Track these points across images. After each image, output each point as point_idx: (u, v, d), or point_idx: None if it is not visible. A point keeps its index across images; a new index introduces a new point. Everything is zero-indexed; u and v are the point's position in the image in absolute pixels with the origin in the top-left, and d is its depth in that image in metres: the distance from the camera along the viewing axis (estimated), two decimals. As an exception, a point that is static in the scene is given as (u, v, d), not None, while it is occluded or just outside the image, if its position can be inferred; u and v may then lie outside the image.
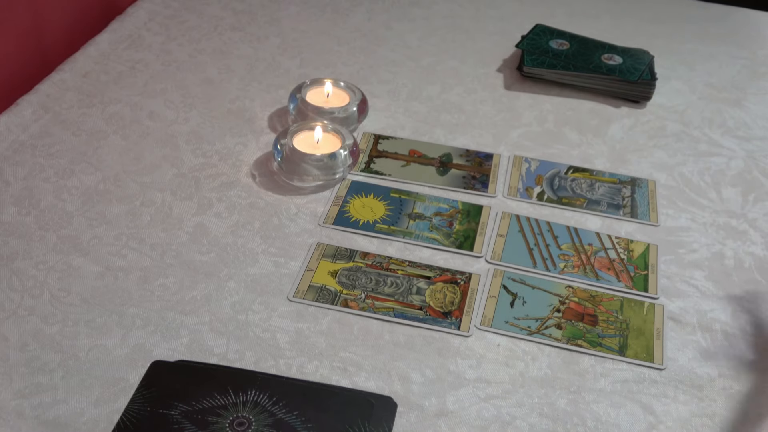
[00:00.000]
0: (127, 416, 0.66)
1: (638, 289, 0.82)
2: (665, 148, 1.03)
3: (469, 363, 0.74)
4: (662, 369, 0.75)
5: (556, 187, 0.95)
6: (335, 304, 0.78)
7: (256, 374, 0.70)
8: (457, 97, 1.10)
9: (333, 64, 1.14)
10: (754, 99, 1.14)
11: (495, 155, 0.99)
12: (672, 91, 1.14)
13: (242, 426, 0.65)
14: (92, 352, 0.72)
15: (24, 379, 0.69)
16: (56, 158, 0.92)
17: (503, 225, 0.89)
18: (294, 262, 0.82)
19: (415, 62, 1.16)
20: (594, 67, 1.11)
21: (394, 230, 0.87)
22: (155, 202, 0.88)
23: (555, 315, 0.79)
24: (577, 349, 0.76)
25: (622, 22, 1.30)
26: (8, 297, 0.76)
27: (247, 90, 1.07)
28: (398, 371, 0.72)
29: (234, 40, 1.17)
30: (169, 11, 1.22)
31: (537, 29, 1.19)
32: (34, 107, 0.99)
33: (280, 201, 0.90)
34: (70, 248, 0.81)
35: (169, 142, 0.97)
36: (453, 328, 0.77)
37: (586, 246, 0.87)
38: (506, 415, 0.70)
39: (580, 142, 1.03)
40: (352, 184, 0.93)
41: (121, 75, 1.07)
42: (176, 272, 0.80)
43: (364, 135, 1.01)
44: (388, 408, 0.69)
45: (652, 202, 0.94)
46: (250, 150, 0.97)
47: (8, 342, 0.72)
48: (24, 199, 0.86)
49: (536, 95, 1.11)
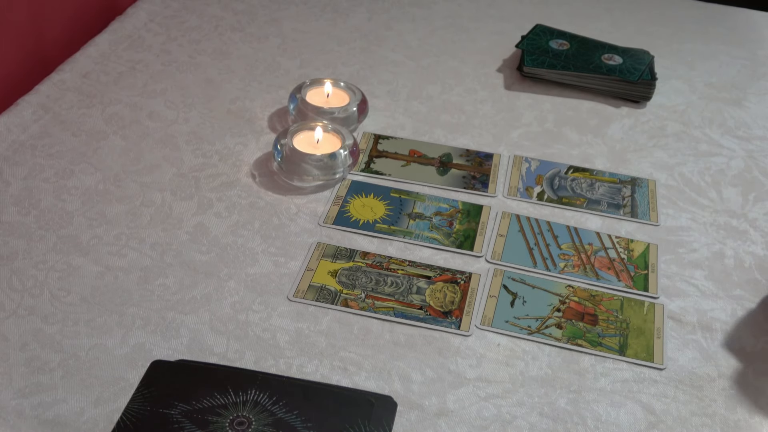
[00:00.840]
0: (127, 416, 0.66)
1: (638, 289, 0.82)
2: (665, 148, 1.03)
3: (469, 362, 0.74)
4: (662, 369, 0.75)
5: (556, 186, 0.95)
6: (335, 304, 0.78)
7: (256, 374, 0.70)
8: (457, 97, 1.10)
9: (333, 64, 1.14)
10: (754, 99, 1.14)
11: (495, 155, 0.99)
12: (672, 91, 1.14)
13: (242, 425, 0.65)
14: (92, 351, 0.72)
15: (24, 379, 0.69)
16: (56, 158, 0.92)
17: (503, 225, 0.89)
18: (294, 261, 0.82)
19: (415, 62, 1.16)
20: (594, 67, 1.11)
21: (394, 230, 0.87)
22: (155, 202, 0.88)
23: (555, 314, 0.79)
24: (578, 348, 0.76)
25: (622, 22, 1.30)
26: (8, 297, 0.76)
27: (247, 90, 1.07)
28: (398, 371, 0.72)
29: (234, 40, 1.17)
30: (169, 11, 1.22)
31: (537, 29, 1.19)
32: (34, 107, 0.99)
33: (280, 201, 0.90)
34: (70, 248, 0.81)
35: (169, 142, 0.97)
36: (453, 328, 0.77)
37: (586, 246, 0.87)
38: (506, 415, 0.70)
39: (580, 142, 1.03)
40: (352, 184, 0.93)
41: (121, 75, 1.07)
42: (176, 272, 0.80)
43: (364, 135, 1.01)
44: (388, 407, 0.69)
45: (652, 201, 0.94)
46: (250, 150, 0.97)
47: (8, 342, 0.72)
48: (24, 199, 0.86)
49: (536, 95, 1.11)
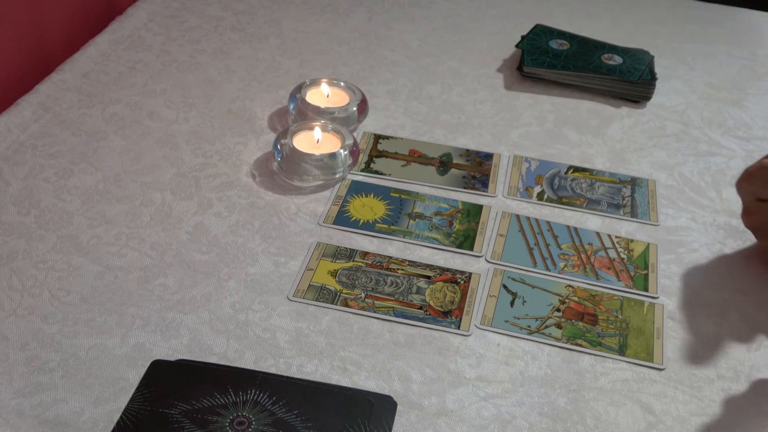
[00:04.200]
0: (127, 415, 0.66)
1: (638, 289, 0.82)
2: (665, 148, 1.03)
3: (469, 362, 0.74)
4: (662, 369, 0.75)
5: (556, 186, 0.95)
6: (335, 304, 0.78)
7: (256, 373, 0.70)
8: (457, 97, 1.10)
9: (333, 64, 1.14)
10: (754, 99, 1.14)
11: (495, 155, 0.99)
12: (672, 90, 1.14)
13: (242, 425, 0.65)
14: (92, 351, 0.72)
15: (24, 379, 0.69)
16: (56, 158, 0.92)
17: (503, 224, 0.89)
18: (294, 261, 0.82)
19: (415, 62, 1.16)
20: (594, 67, 1.11)
21: (394, 230, 0.87)
22: (155, 201, 0.88)
23: (555, 314, 0.79)
24: (577, 348, 0.76)
25: (622, 22, 1.30)
26: (8, 296, 0.76)
27: (247, 90, 1.07)
28: (398, 370, 0.72)
29: (234, 40, 1.17)
30: (169, 11, 1.22)
31: (537, 29, 1.19)
32: (34, 107, 0.99)
33: (280, 201, 0.90)
34: (70, 248, 0.81)
35: (169, 142, 0.97)
36: (453, 328, 0.77)
37: (586, 245, 0.87)
38: (506, 414, 0.70)
39: (580, 142, 1.03)
40: (352, 183, 0.93)
41: (121, 75, 1.07)
42: (176, 272, 0.80)
43: (364, 135, 1.01)
44: (388, 407, 0.69)
45: (652, 201, 0.94)
46: (250, 150, 0.97)
47: (8, 341, 0.72)
48: (24, 199, 0.86)
49: (536, 95, 1.11)
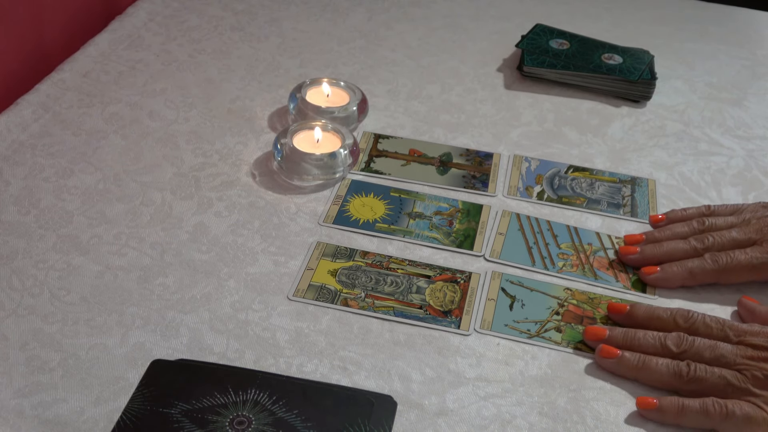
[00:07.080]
0: (127, 415, 0.66)
1: (636, 290, 0.82)
2: (665, 148, 1.03)
3: (469, 362, 0.74)
4: (662, 368, 0.75)
5: (556, 186, 0.95)
6: (335, 303, 0.78)
7: (256, 373, 0.70)
8: (457, 96, 1.10)
9: (333, 64, 1.14)
10: (754, 99, 1.14)
11: (495, 154, 0.99)
12: (672, 90, 1.14)
13: (242, 425, 0.65)
14: (92, 351, 0.72)
15: (24, 378, 0.69)
16: (56, 158, 0.92)
17: (503, 223, 0.89)
18: (294, 261, 0.82)
19: (415, 62, 1.16)
20: (594, 66, 1.11)
21: (394, 229, 0.87)
22: (155, 201, 0.88)
23: (554, 318, 0.78)
24: (579, 353, 0.75)
25: (622, 22, 1.30)
26: (8, 296, 0.76)
27: (247, 90, 1.07)
28: (398, 370, 0.72)
29: (234, 40, 1.17)
30: (169, 11, 1.22)
31: (537, 29, 1.19)
32: (34, 107, 0.99)
33: (280, 200, 0.90)
34: (69, 247, 0.81)
35: (169, 141, 0.97)
36: (453, 327, 0.77)
37: (585, 245, 0.87)
38: (506, 414, 0.70)
39: (580, 141, 1.03)
40: (352, 183, 0.93)
41: (121, 75, 1.07)
42: (176, 271, 0.80)
43: (364, 134, 1.01)
44: (388, 407, 0.69)
45: (652, 201, 0.94)
46: (250, 149, 0.97)
47: (8, 341, 0.72)
48: (24, 199, 0.86)
49: (536, 95, 1.11)
